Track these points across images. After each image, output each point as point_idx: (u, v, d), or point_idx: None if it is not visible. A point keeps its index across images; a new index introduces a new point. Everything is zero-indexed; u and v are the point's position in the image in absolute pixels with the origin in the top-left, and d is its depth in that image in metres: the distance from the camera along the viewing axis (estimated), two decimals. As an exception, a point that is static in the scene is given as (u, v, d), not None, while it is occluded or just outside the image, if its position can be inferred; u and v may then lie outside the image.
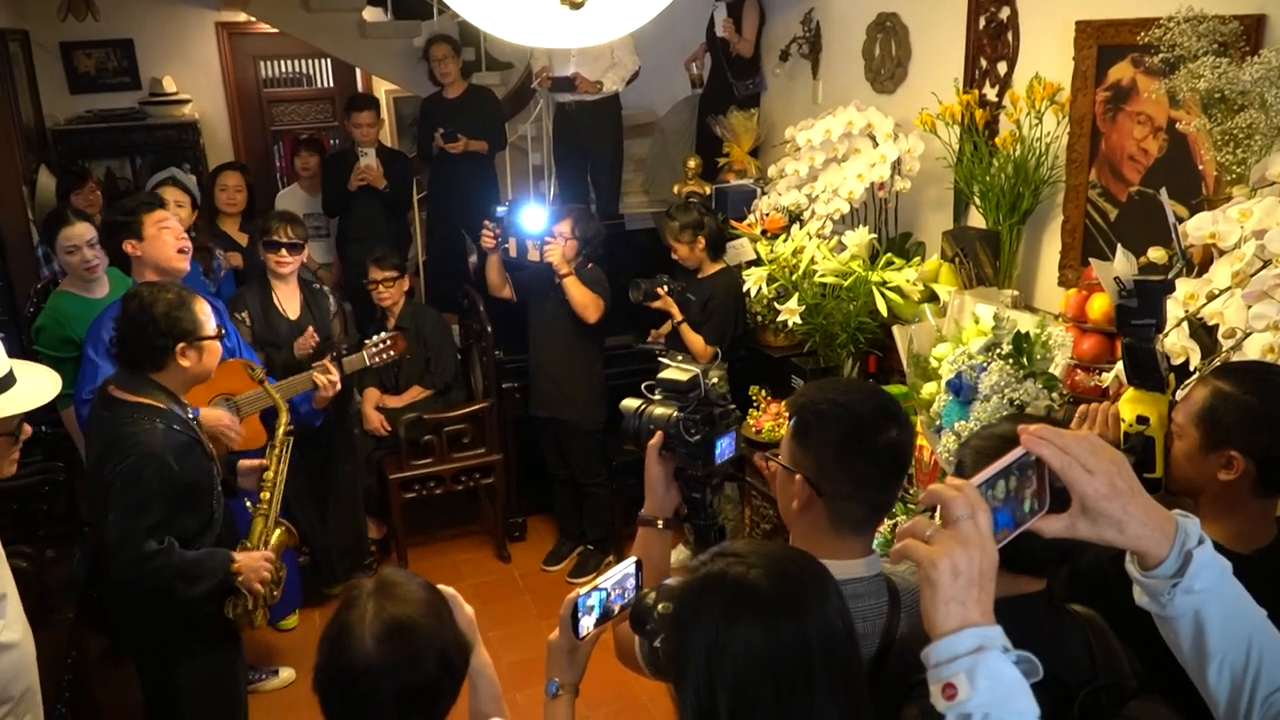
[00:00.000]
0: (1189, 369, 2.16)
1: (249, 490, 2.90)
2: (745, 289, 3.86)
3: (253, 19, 6.91)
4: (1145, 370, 1.81)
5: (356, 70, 7.57)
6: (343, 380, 3.53)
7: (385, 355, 3.70)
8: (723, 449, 1.71)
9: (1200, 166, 2.71)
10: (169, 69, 7.26)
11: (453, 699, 1.53)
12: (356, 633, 1.44)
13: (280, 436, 2.93)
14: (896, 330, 3.04)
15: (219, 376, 2.80)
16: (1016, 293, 3.28)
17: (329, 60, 7.95)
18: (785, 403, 2.69)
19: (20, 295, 4.97)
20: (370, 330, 3.92)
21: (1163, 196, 2.10)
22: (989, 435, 1.56)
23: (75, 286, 3.55)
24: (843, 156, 3.87)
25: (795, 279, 3.69)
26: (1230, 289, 2.14)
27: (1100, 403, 1.90)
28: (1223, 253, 2.23)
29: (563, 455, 4.36)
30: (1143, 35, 2.59)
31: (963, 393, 2.51)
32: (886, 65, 4.09)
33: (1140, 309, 1.78)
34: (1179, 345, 2.19)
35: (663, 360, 1.81)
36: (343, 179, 5.07)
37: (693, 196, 4.61)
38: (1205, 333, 2.21)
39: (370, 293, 4.36)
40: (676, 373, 1.75)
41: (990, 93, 3.49)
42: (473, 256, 4.87)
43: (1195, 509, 1.56)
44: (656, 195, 5.74)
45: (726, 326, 4.01)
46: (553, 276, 3.94)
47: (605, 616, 1.57)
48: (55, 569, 3.25)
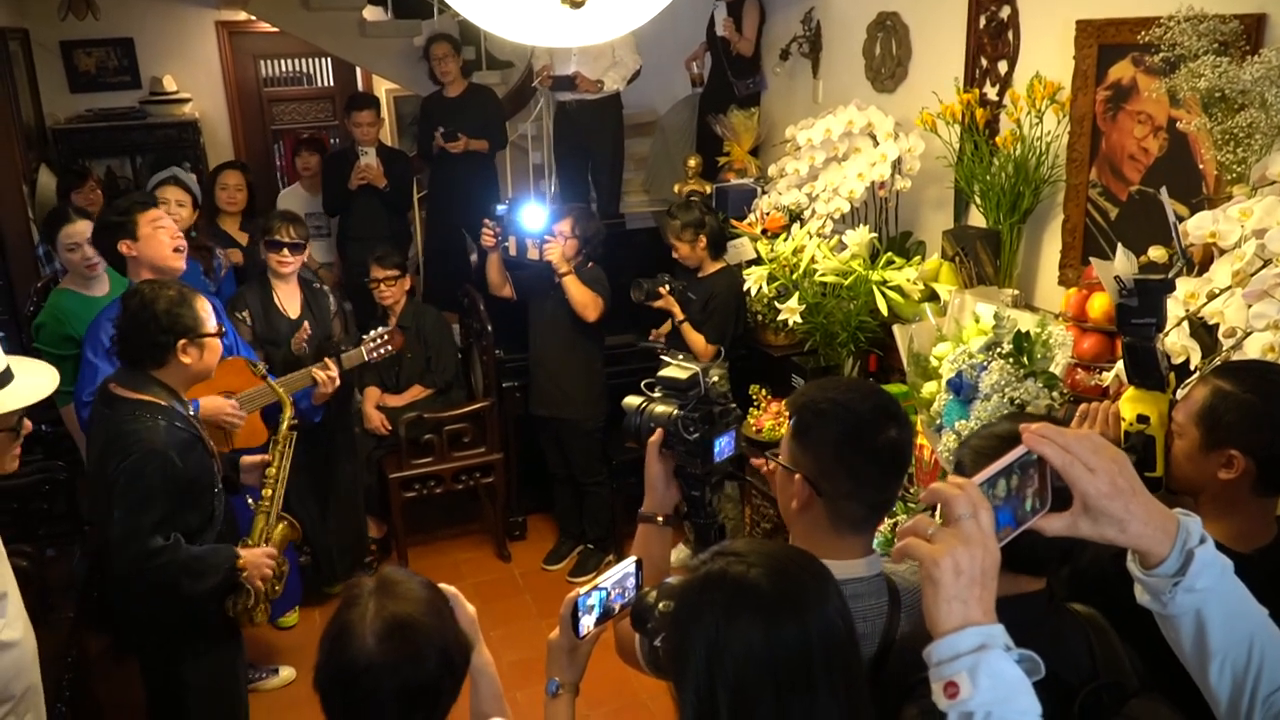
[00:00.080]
0: (1189, 368, 2.16)
1: (251, 486, 2.91)
2: (745, 288, 3.87)
3: (253, 18, 6.91)
4: (1146, 369, 1.81)
5: (357, 69, 7.58)
6: (342, 377, 3.52)
7: (384, 350, 3.70)
8: (721, 447, 1.71)
9: (1201, 166, 2.71)
10: (169, 68, 7.26)
11: (454, 698, 1.53)
12: (357, 631, 1.44)
13: (284, 431, 2.94)
14: (897, 329, 3.05)
15: (219, 374, 2.80)
16: (1017, 292, 3.28)
17: (329, 59, 7.95)
18: (785, 402, 2.68)
19: (20, 294, 4.98)
20: (371, 329, 3.91)
21: (1163, 196, 2.10)
22: (988, 435, 1.56)
23: (76, 284, 3.55)
24: (843, 156, 3.87)
25: (796, 278, 3.69)
26: (1230, 288, 2.14)
27: (1101, 402, 1.90)
28: (1223, 252, 2.23)
29: (563, 454, 4.36)
30: (1143, 34, 2.59)
31: (963, 392, 2.51)
32: (887, 64, 4.09)
33: (1141, 308, 1.78)
34: (1179, 344, 2.19)
35: (664, 359, 1.81)
36: (343, 178, 5.07)
37: (694, 195, 4.61)
38: (1205, 332, 2.21)
39: (372, 292, 4.36)
40: (676, 371, 1.75)
41: (991, 92, 3.49)
42: (474, 255, 4.88)
43: (1196, 508, 1.56)
44: (657, 194, 5.74)
45: (728, 325, 4.01)
46: (553, 275, 3.95)
47: (605, 616, 1.57)
48: (56, 568, 3.26)
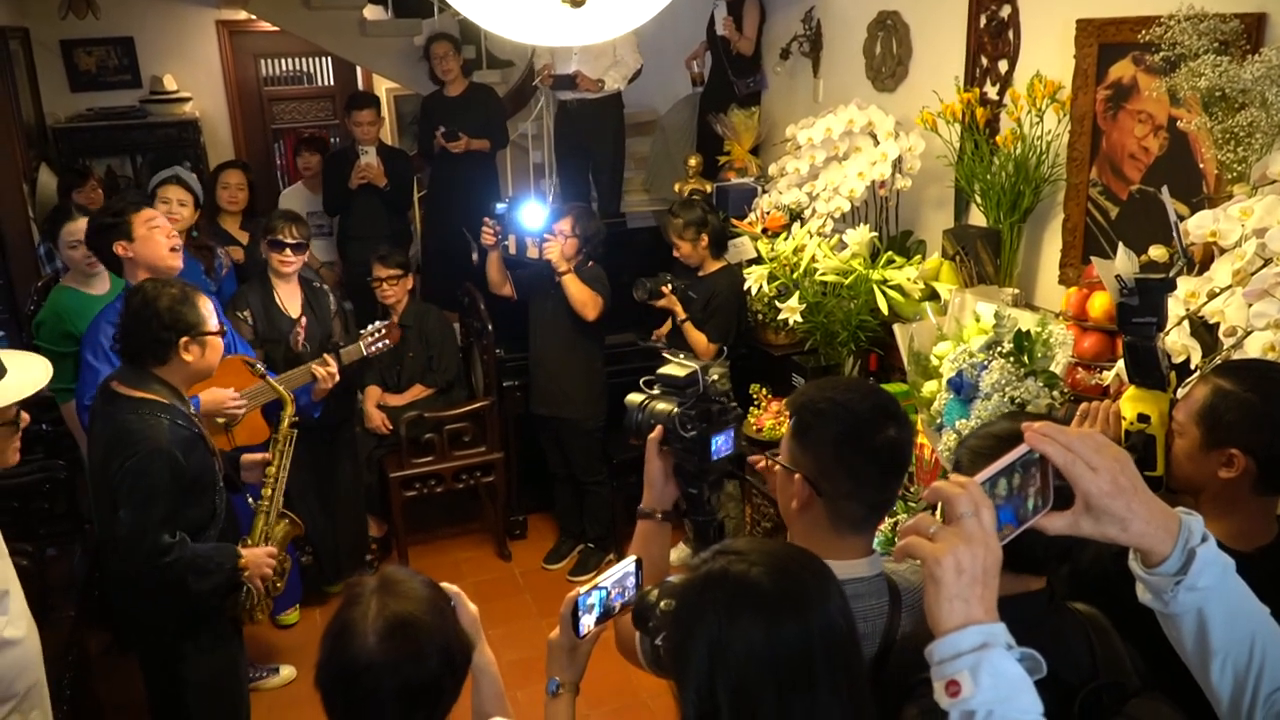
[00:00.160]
0: (1190, 367, 2.16)
1: (252, 485, 2.91)
2: (745, 287, 3.87)
3: (253, 17, 6.91)
4: (1146, 368, 1.81)
5: (357, 68, 7.57)
6: (342, 373, 3.53)
7: (381, 345, 3.70)
8: (718, 446, 1.71)
9: (1201, 165, 2.71)
10: (169, 67, 7.26)
11: (455, 697, 1.53)
12: (359, 630, 1.44)
13: (284, 429, 2.94)
14: (897, 328, 3.04)
15: (218, 373, 2.80)
16: (1017, 291, 3.28)
17: (329, 58, 7.95)
18: (785, 402, 2.69)
19: (21, 294, 4.97)
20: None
21: (1164, 195, 2.10)
22: (985, 435, 1.56)
23: (76, 282, 3.55)
24: (843, 155, 3.87)
25: (796, 277, 3.69)
26: (1231, 287, 2.14)
27: (1101, 401, 1.90)
28: (1224, 251, 2.23)
29: (563, 453, 4.36)
30: (1143, 33, 2.59)
31: (964, 391, 2.51)
32: (887, 63, 4.09)
33: (1141, 307, 1.78)
34: (1180, 343, 2.20)
35: (666, 357, 1.81)
36: (343, 177, 5.07)
37: (695, 194, 4.61)
38: (1206, 331, 2.21)
39: (374, 290, 4.36)
40: (675, 368, 1.76)
41: (991, 91, 3.49)
42: (476, 254, 4.87)
43: (1196, 507, 1.56)
44: (657, 194, 5.74)
45: (729, 324, 4.01)
46: (553, 274, 3.95)
47: (606, 615, 1.57)
48: (56, 567, 3.26)
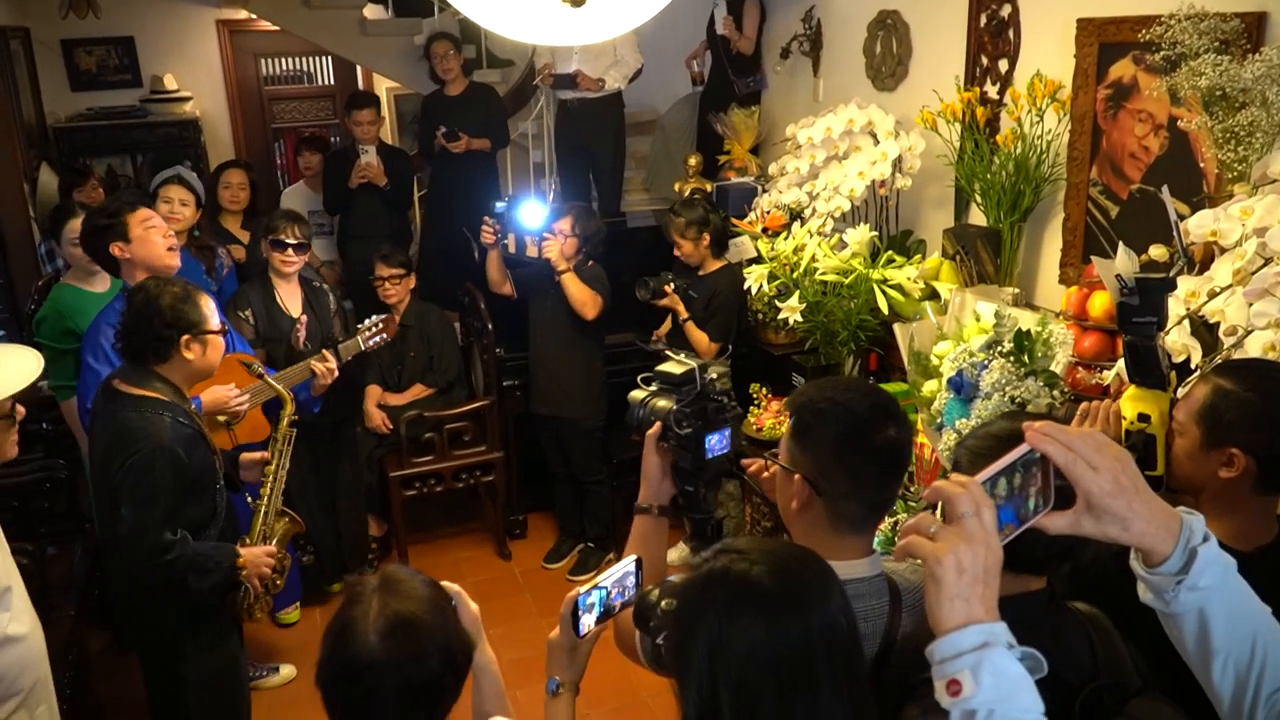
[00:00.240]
0: (1190, 366, 2.16)
1: (251, 484, 2.91)
2: (745, 286, 3.87)
3: (254, 16, 6.92)
4: (1146, 368, 1.81)
5: (357, 68, 7.58)
6: (342, 370, 3.54)
7: (379, 339, 3.71)
8: (713, 444, 1.71)
9: (1201, 164, 2.71)
10: (170, 66, 7.26)
11: (456, 696, 1.53)
12: (360, 628, 1.44)
13: (283, 428, 2.94)
14: (897, 328, 3.04)
15: (221, 373, 2.81)
16: (1017, 290, 3.28)
17: (330, 58, 7.95)
18: (784, 402, 2.68)
19: (21, 293, 4.97)
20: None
21: (1164, 194, 2.10)
22: (984, 435, 1.56)
23: (78, 279, 3.55)
24: (844, 154, 3.87)
25: (796, 277, 3.69)
26: (1231, 286, 2.14)
27: (1101, 400, 1.90)
28: (1224, 250, 2.23)
29: (563, 453, 4.36)
30: (1144, 33, 2.59)
31: (964, 390, 2.51)
32: (887, 63, 4.09)
33: (1141, 306, 1.78)
34: (1180, 343, 2.20)
35: (668, 355, 1.82)
36: (343, 176, 5.06)
37: (696, 193, 4.61)
38: (1206, 330, 2.21)
39: (376, 289, 4.36)
40: (673, 365, 1.77)
41: (991, 90, 3.49)
42: (478, 253, 4.87)
43: (1196, 506, 1.56)
44: (657, 193, 5.74)
45: (731, 323, 4.02)
46: (553, 274, 3.95)
47: (606, 614, 1.57)
48: (56, 566, 3.25)
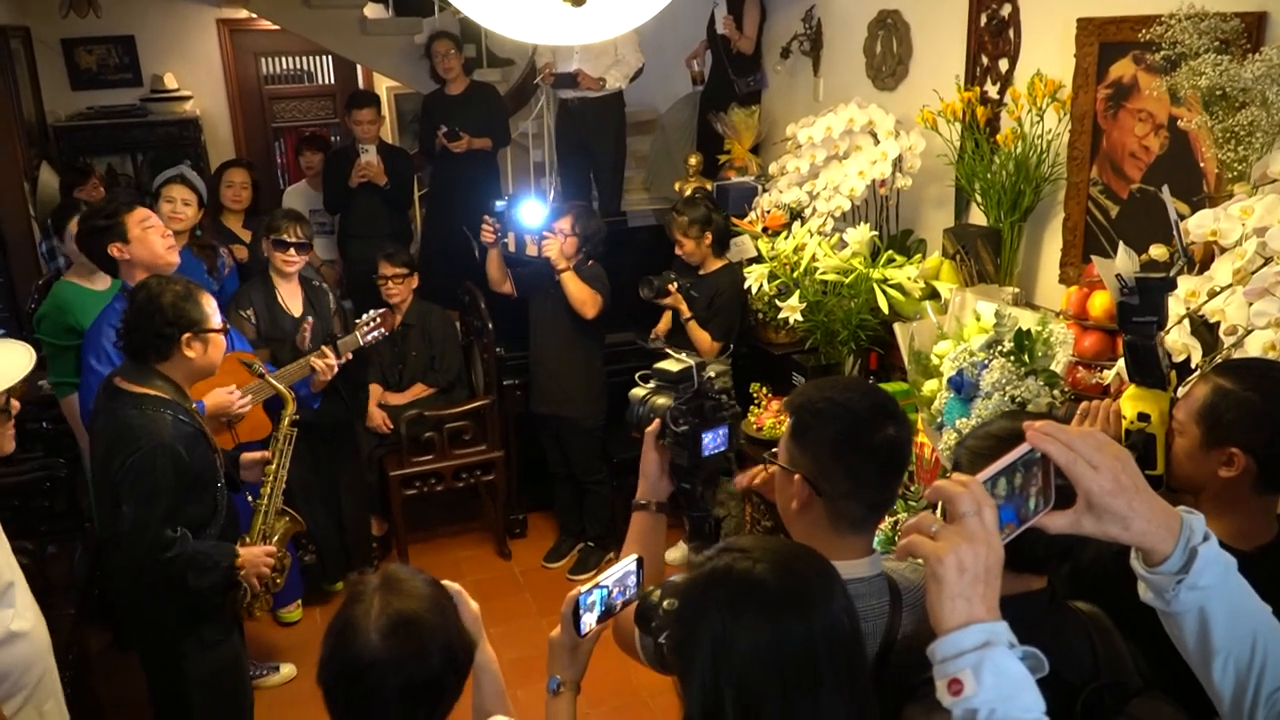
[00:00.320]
0: (1190, 366, 2.16)
1: (252, 483, 2.91)
2: (746, 286, 3.87)
3: (254, 16, 6.91)
4: (1146, 367, 1.81)
5: (357, 67, 7.57)
6: (343, 368, 3.54)
7: (378, 334, 3.71)
8: (708, 443, 1.71)
9: (1201, 164, 2.71)
10: (170, 65, 7.26)
11: (457, 694, 1.53)
12: (362, 627, 1.44)
13: (284, 427, 2.94)
14: (898, 327, 3.05)
15: (221, 372, 2.81)
16: (1018, 290, 3.28)
17: (330, 57, 7.95)
18: (782, 402, 2.68)
19: (21, 292, 4.98)
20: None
21: (1164, 194, 2.10)
22: (984, 435, 1.56)
23: (79, 277, 3.54)
24: (844, 154, 3.87)
25: (796, 276, 3.69)
26: (1231, 286, 2.14)
27: (1101, 400, 1.90)
28: (1224, 250, 2.23)
29: (563, 452, 4.36)
30: (1144, 32, 2.59)
31: (964, 390, 2.51)
32: (888, 62, 4.09)
33: (1142, 306, 1.78)
34: (1180, 342, 2.20)
35: (668, 353, 1.82)
36: (344, 176, 5.06)
37: (699, 192, 4.61)
38: (1206, 330, 2.21)
39: (380, 288, 4.36)
40: (671, 363, 1.77)
41: (991, 90, 3.49)
42: (478, 251, 4.87)
43: (1196, 506, 1.56)
44: (658, 193, 5.73)
45: (733, 322, 4.02)
46: (553, 273, 3.95)
47: (608, 614, 1.58)
48: (56, 565, 3.25)
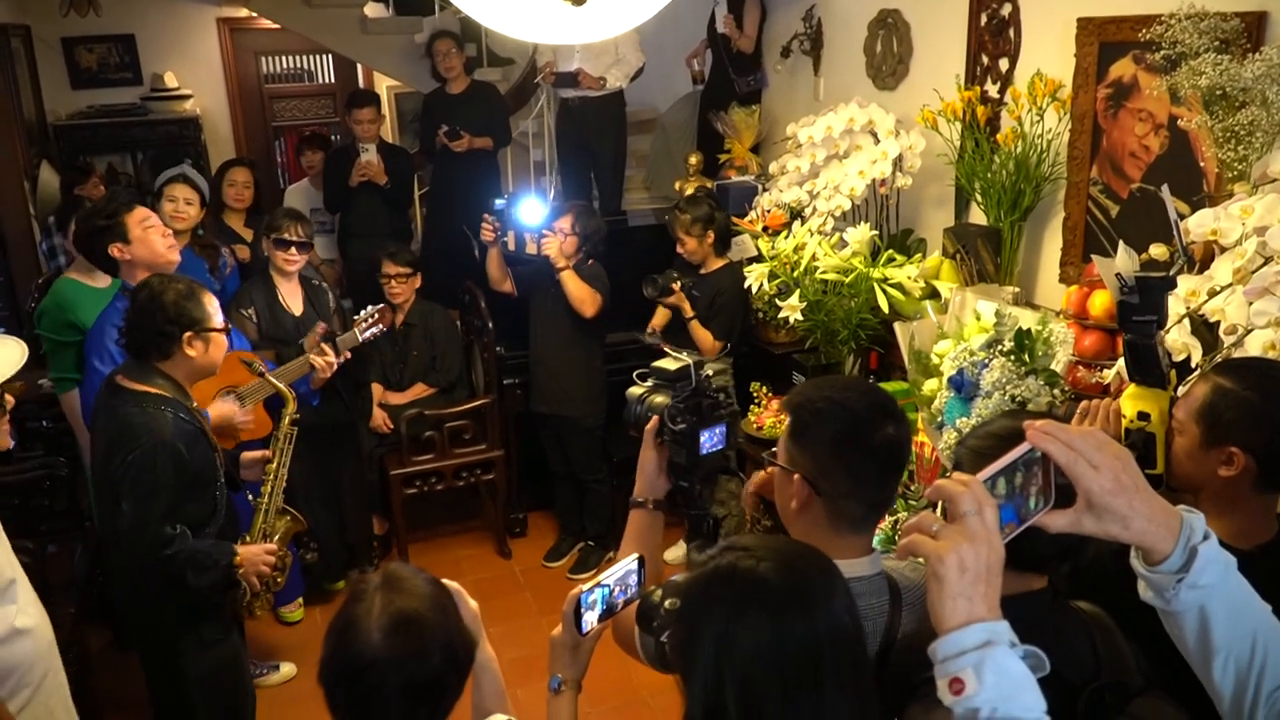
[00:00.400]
0: (1190, 365, 2.16)
1: (252, 483, 2.91)
2: (746, 285, 3.87)
3: (254, 15, 6.91)
4: (1146, 367, 1.81)
5: (358, 66, 7.57)
6: (342, 366, 3.55)
7: (376, 330, 3.72)
8: (707, 441, 1.71)
9: (1202, 163, 2.71)
10: (170, 64, 7.27)
11: (458, 693, 1.53)
12: (363, 626, 1.45)
13: (285, 426, 2.95)
14: (898, 327, 3.05)
15: (222, 371, 2.81)
16: (1018, 289, 3.29)
17: (330, 56, 7.95)
18: (782, 402, 2.68)
19: (21, 291, 4.98)
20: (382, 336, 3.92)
21: (1164, 193, 2.10)
22: (984, 434, 1.56)
23: (80, 274, 3.54)
24: (844, 153, 3.87)
25: (797, 275, 3.69)
26: (1231, 285, 2.14)
27: (1101, 399, 1.91)
28: (1224, 249, 2.23)
29: (563, 451, 4.37)
30: (1144, 32, 2.60)
31: (964, 389, 2.51)
32: (888, 62, 4.09)
33: (1142, 305, 1.78)
34: (1180, 342, 2.20)
35: (667, 351, 1.82)
36: (344, 174, 5.06)
37: (701, 191, 4.61)
38: (1206, 329, 2.22)
39: (382, 287, 4.36)
40: (669, 362, 1.77)
41: (992, 89, 3.49)
42: (478, 249, 4.87)
43: (1196, 505, 1.56)
44: (658, 192, 5.73)
45: (734, 321, 4.02)
46: (553, 272, 3.95)
47: (609, 612, 1.58)
48: (57, 564, 3.26)
